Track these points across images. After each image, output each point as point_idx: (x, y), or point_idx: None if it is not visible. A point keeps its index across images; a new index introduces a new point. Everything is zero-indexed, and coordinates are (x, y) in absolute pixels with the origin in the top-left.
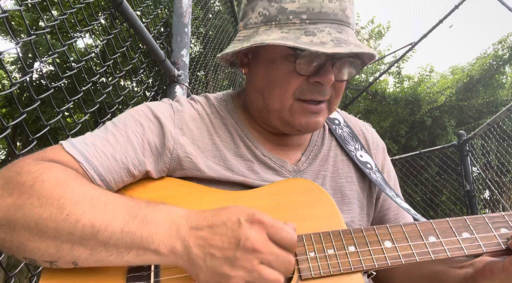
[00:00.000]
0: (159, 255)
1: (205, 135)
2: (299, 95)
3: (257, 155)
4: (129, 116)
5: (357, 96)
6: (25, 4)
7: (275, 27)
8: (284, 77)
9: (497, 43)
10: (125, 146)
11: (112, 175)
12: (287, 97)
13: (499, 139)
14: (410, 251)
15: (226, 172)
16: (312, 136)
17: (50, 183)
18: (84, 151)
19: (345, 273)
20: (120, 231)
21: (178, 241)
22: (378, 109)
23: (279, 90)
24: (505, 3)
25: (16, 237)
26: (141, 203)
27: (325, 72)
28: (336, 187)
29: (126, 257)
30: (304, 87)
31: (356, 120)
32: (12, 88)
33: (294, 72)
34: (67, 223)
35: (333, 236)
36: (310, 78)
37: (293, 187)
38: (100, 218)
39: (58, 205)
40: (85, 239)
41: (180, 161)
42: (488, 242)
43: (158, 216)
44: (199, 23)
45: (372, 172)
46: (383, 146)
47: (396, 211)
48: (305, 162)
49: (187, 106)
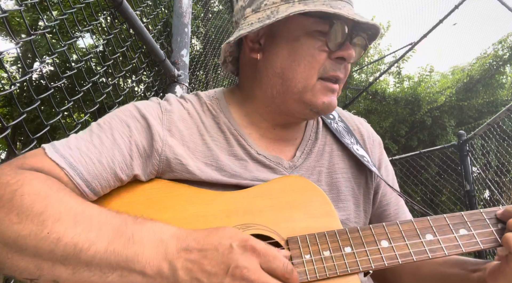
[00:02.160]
0: (144, 276)
1: (195, 135)
2: (323, 72)
3: (251, 154)
4: (115, 117)
5: (357, 96)
6: (25, 4)
7: (298, 4)
8: (310, 54)
9: (497, 43)
10: (112, 149)
11: (98, 181)
12: (312, 75)
13: (499, 139)
14: (407, 250)
15: (218, 172)
16: (306, 131)
17: (30, 197)
18: (68, 156)
19: (341, 275)
20: (104, 250)
21: (165, 262)
22: (378, 109)
23: (305, 67)
24: (505, 3)
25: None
26: (128, 219)
27: (347, 48)
28: (332, 182)
29: (109, 278)
30: (327, 64)
31: (351, 116)
32: (12, 88)
33: (320, 48)
34: (48, 241)
35: (328, 237)
36: (333, 54)
37: (287, 185)
38: (84, 237)
39: (38, 221)
40: (67, 259)
41: (169, 163)
42: (485, 238)
43: (146, 235)
44: (199, 23)
45: (370, 165)
46: (379, 141)
47: (395, 206)
48: (300, 157)
49: (177, 105)
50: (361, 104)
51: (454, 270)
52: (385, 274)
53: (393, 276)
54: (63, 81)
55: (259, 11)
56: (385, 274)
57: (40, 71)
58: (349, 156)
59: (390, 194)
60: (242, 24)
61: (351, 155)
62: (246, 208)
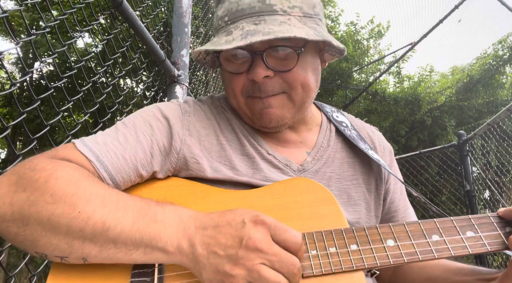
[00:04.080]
0: (165, 253)
1: (211, 136)
2: (247, 93)
3: (262, 153)
4: (138, 117)
5: (357, 96)
6: (25, 4)
7: (216, 34)
8: (229, 79)
9: (497, 43)
10: (135, 146)
11: (121, 175)
12: (238, 96)
13: (499, 139)
14: (413, 249)
15: (231, 172)
16: (319, 137)
17: (64, 181)
18: (95, 150)
19: (346, 271)
20: (129, 228)
21: (184, 239)
22: (378, 109)
23: (230, 90)
24: (505, 3)
25: (29, 231)
26: (151, 202)
27: (253, 68)
28: (341, 188)
29: (134, 255)
30: (248, 85)
31: (362, 124)
32: (12, 88)
33: (235, 73)
34: (78, 220)
35: (335, 235)
36: (248, 76)
37: (296, 186)
38: (111, 216)
39: (70, 202)
40: (95, 236)
41: (186, 162)
42: (492, 241)
43: (167, 215)
44: (199, 23)
45: (387, 167)
46: (390, 149)
47: (403, 214)
48: (310, 162)
49: (195, 107)
50: (361, 104)
51: (468, 278)
52: (397, 282)
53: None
54: (63, 81)
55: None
56: (396, 281)
57: (40, 71)
58: (361, 163)
59: (398, 201)
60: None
61: (362, 162)
62: (256, 206)
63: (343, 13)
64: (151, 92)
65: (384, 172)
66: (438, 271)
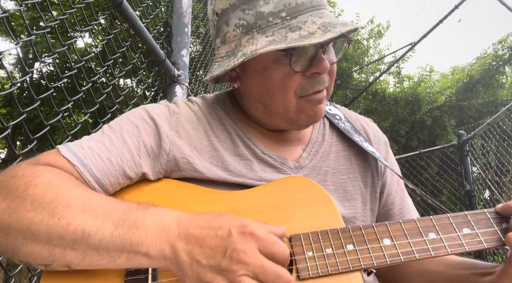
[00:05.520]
0: (149, 258)
1: (202, 136)
2: (301, 92)
3: (257, 154)
4: (125, 119)
5: (357, 96)
6: (25, 4)
7: (257, 34)
8: (281, 82)
9: (497, 43)
10: (121, 148)
11: (108, 178)
12: (290, 99)
13: (499, 139)
14: (410, 248)
15: (224, 172)
16: (313, 132)
17: (43, 187)
18: (79, 154)
19: (343, 272)
20: (110, 235)
21: (166, 245)
22: (378, 109)
23: (279, 94)
24: (505, 3)
25: (10, 240)
26: (132, 206)
27: (319, 61)
28: (338, 182)
29: (118, 261)
30: (304, 83)
31: (356, 116)
32: (12, 88)
33: (289, 73)
34: (58, 227)
35: (331, 235)
36: (306, 72)
37: (290, 185)
38: (91, 222)
39: (50, 208)
40: (76, 243)
41: (177, 162)
42: (489, 237)
43: (148, 220)
44: (199, 23)
45: (382, 159)
46: (385, 140)
47: (400, 206)
48: (306, 158)
49: (184, 108)
50: (361, 104)
51: (465, 272)
52: (394, 276)
53: (403, 278)
54: (63, 81)
55: (226, 43)
56: (394, 276)
57: (40, 71)
58: (356, 155)
59: (395, 193)
60: (216, 57)
61: (358, 154)
62: (250, 206)
63: (343, 13)
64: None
65: (380, 165)
66: (435, 264)
